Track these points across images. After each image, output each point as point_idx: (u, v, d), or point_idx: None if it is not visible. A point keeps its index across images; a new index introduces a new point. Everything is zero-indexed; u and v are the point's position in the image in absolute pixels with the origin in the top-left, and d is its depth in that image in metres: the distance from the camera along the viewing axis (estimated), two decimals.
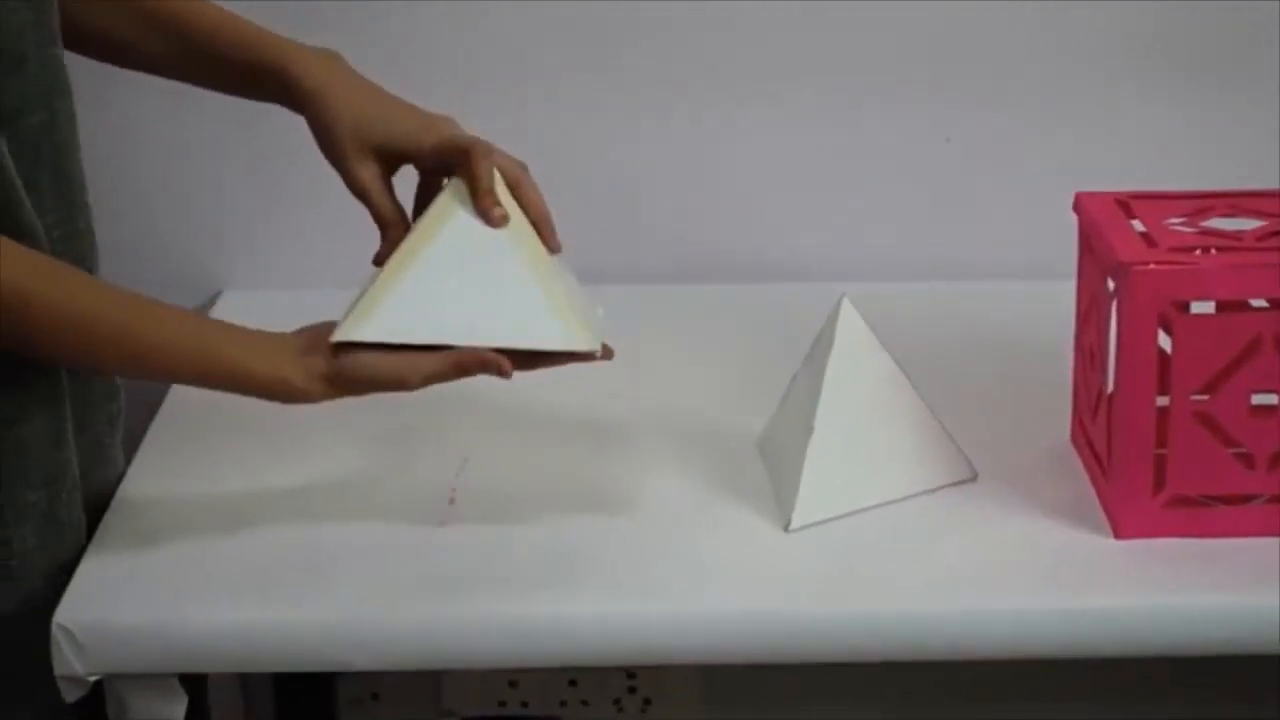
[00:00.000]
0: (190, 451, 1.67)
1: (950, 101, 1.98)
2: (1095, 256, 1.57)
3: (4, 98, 1.43)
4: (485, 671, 1.51)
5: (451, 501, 1.59)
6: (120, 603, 1.46)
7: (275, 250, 2.01)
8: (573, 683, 2.03)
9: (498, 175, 1.52)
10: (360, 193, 1.56)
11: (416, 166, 1.57)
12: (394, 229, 1.55)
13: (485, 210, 1.51)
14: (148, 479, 1.63)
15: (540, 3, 1.95)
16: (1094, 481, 1.59)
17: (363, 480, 1.62)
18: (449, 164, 1.54)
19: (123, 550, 1.52)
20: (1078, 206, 1.61)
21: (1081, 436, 1.63)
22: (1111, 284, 1.51)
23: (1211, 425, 1.49)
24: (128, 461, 1.65)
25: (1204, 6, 1.95)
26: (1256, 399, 1.49)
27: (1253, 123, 1.97)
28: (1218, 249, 1.52)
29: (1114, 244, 1.50)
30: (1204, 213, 1.57)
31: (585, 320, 1.50)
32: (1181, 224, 1.56)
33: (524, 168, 1.56)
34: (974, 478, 1.61)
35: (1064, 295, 1.66)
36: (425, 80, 1.94)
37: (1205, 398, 1.49)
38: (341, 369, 1.45)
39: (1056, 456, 1.65)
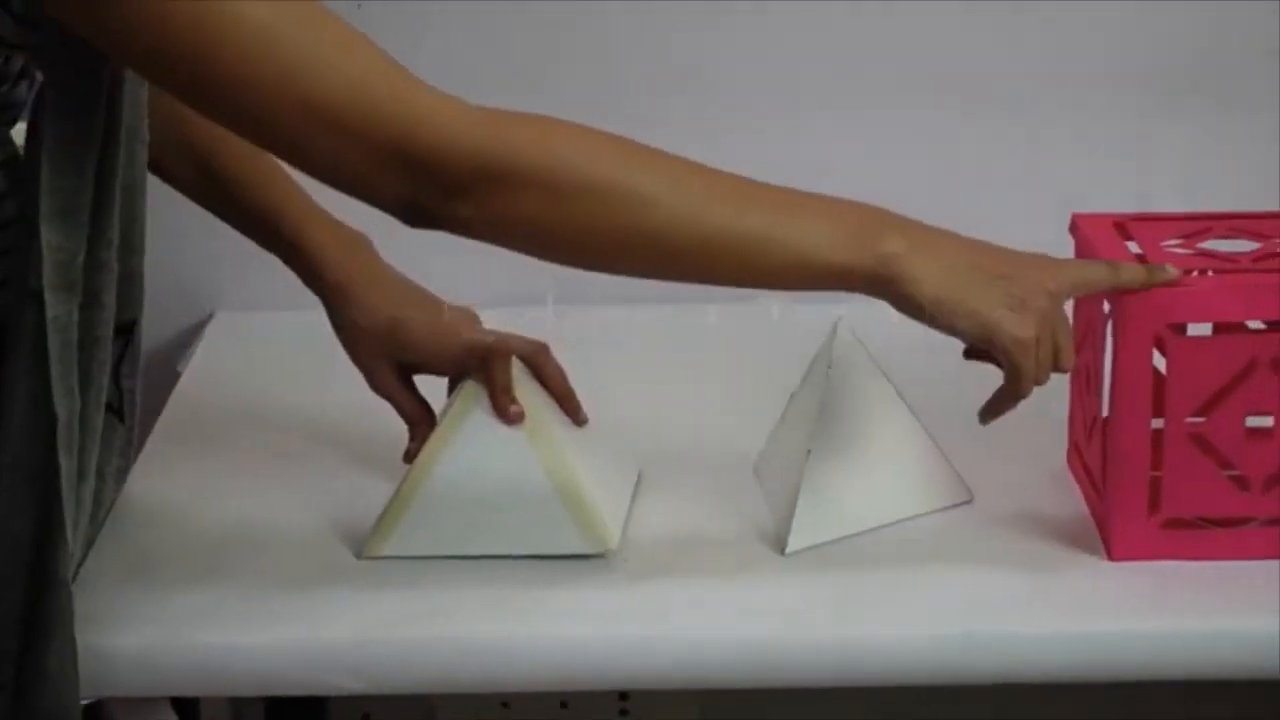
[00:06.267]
0: (182, 476, 1.67)
1: (947, 121, 1.98)
2: None
3: (107, 124, 1.39)
4: (477, 694, 1.51)
5: None
6: (113, 626, 1.45)
7: (267, 270, 2.00)
8: (564, 705, 2.02)
9: (517, 362, 1.56)
10: (383, 395, 1.61)
11: (437, 374, 1.61)
12: (420, 426, 1.60)
13: (502, 410, 1.54)
14: (140, 502, 1.62)
15: (537, 20, 1.95)
16: (1089, 503, 1.59)
17: (356, 503, 1.61)
18: (469, 366, 1.57)
19: (115, 573, 1.51)
20: (1074, 228, 1.61)
21: (1077, 459, 1.63)
22: (1107, 306, 1.51)
23: (1206, 447, 1.49)
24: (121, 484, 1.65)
25: (1204, 28, 1.95)
26: (1252, 421, 1.49)
27: (1252, 144, 1.97)
28: (1214, 271, 1.52)
29: None
30: (1201, 234, 1.57)
31: (601, 517, 1.53)
32: (1178, 245, 1.55)
33: (544, 348, 1.59)
34: (970, 500, 1.61)
35: None
36: None
37: (1200, 420, 1.49)
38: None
39: (1053, 479, 1.64)
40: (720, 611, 1.48)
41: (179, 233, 2.00)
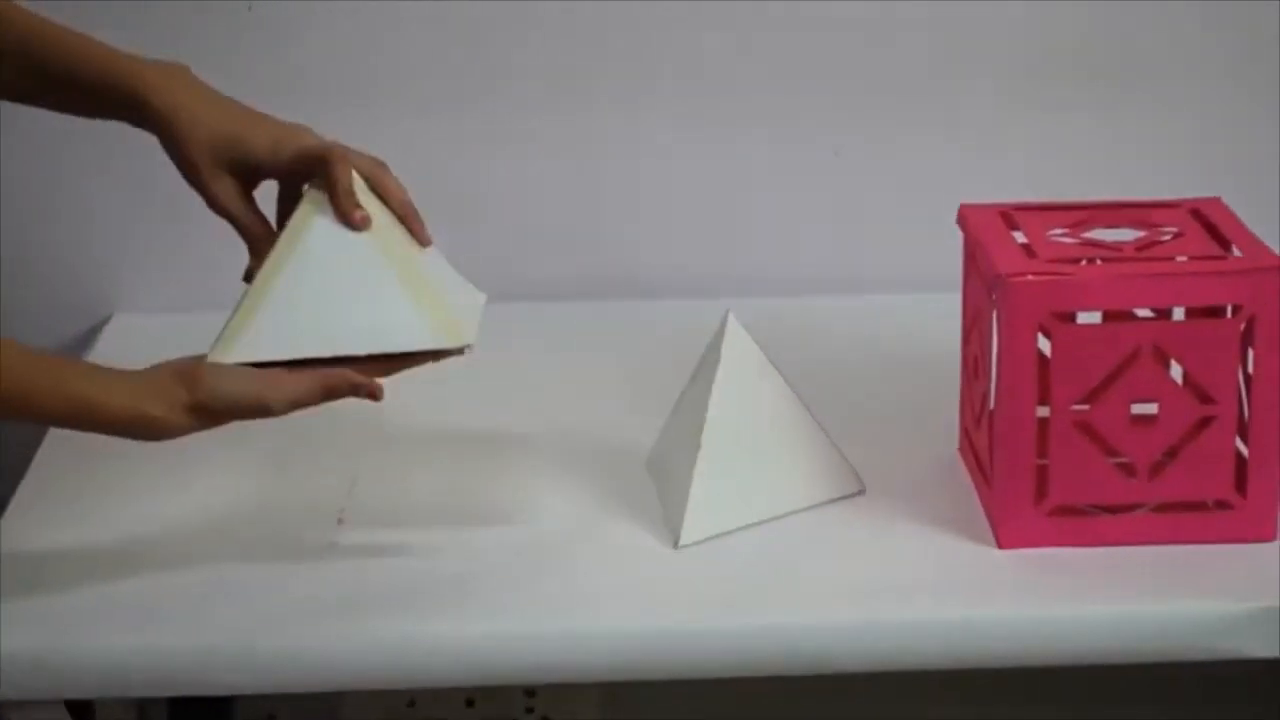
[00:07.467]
0: (78, 475, 1.66)
1: (838, 115, 1.99)
2: (977, 268, 1.58)
3: None
4: (382, 692, 1.51)
5: (340, 522, 1.59)
6: (5, 629, 1.44)
7: (165, 273, 2.00)
8: (470, 703, 2.02)
9: (358, 177, 1.51)
10: (222, 211, 1.54)
11: (276, 179, 1.56)
12: (261, 244, 1.54)
13: (345, 213, 1.50)
14: (34, 504, 1.62)
15: (427, 20, 1.95)
16: (979, 492, 1.60)
17: (253, 502, 1.61)
18: (307, 172, 1.52)
19: (8, 576, 1.51)
20: (961, 219, 1.62)
21: (968, 447, 1.64)
22: (993, 295, 1.52)
23: (1092, 435, 1.50)
24: (15, 485, 1.64)
25: (1091, 19, 1.96)
26: (1136, 408, 1.50)
27: (1138, 134, 1.99)
28: (1101, 260, 1.53)
29: (994, 256, 1.51)
30: (1086, 224, 1.59)
31: (455, 316, 1.50)
32: (1063, 235, 1.57)
33: (383, 165, 1.55)
34: (862, 491, 1.62)
35: (952, 308, 1.67)
36: (313, 100, 1.95)
37: (1086, 408, 1.50)
38: (203, 397, 1.43)
39: (945, 468, 1.65)
40: (616, 605, 1.49)
41: (76, 234, 2.00)
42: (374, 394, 1.45)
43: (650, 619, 1.47)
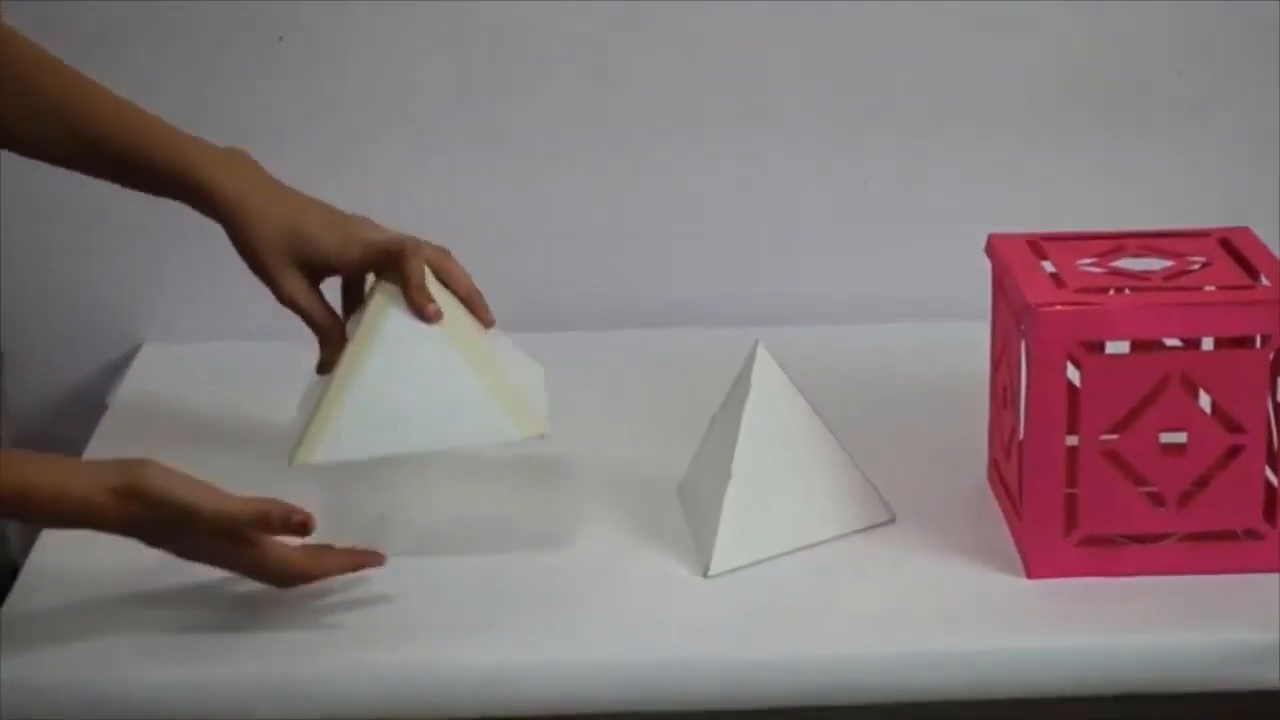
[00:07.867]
0: None
1: (867, 144, 1.99)
2: (1006, 298, 1.58)
3: None
4: None
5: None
6: (39, 661, 1.45)
7: (195, 302, 2.01)
8: None
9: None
10: (290, 304, 1.57)
11: (343, 274, 1.59)
12: (331, 334, 1.57)
13: (420, 307, 1.52)
14: (65, 536, 1.62)
15: (456, 53, 1.96)
16: (1009, 521, 1.60)
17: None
18: (376, 267, 1.55)
19: (41, 608, 1.51)
20: (990, 248, 1.62)
21: (997, 477, 1.64)
22: (1022, 325, 1.52)
23: (1121, 464, 1.50)
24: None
25: (1115, 49, 1.97)
26: (1166, 438, 1.50)
27: (1165, 162, 1.99)
28: (1129, 289, 1.53)
29: (1022, 285, 1.52)
30: (1115, 253, 1.59)
31: (525, 400, 1.54)
32: (1092, 264, 1.57)
33: (446, 252, 1.58)
34: (892, 520, 1.62)
35: (980, 337, 1.67)
36: (342, 131, 1.96)
37: (1115, 437, 1.50)
38: (131, 482, 1.42)
39: (974, 497, 1.66)
40: (646, 634, 1.49)
41: (106, 263, 2.01)
42: (306, 525, 1.45)
43: (680, 648, 1.47)
